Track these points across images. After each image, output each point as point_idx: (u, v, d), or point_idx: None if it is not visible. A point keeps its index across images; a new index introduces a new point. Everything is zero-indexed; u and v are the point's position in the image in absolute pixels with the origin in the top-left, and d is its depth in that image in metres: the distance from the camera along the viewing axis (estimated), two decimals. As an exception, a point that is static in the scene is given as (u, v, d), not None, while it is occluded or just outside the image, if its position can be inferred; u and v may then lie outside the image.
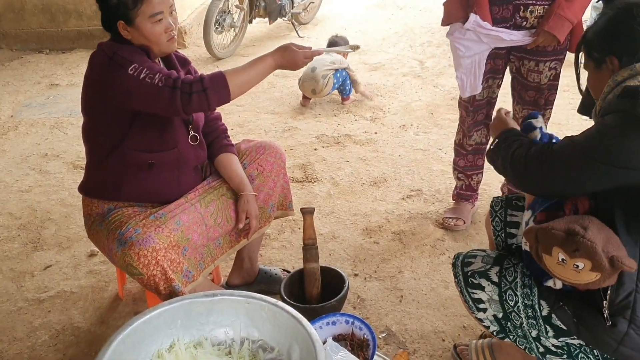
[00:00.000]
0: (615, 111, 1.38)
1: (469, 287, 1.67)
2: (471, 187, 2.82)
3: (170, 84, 1.72)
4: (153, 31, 1.81)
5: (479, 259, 1.69)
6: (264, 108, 4.42)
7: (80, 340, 2.21)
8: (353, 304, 2.33)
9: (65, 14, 5.84)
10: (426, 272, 2.52)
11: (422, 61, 5.21)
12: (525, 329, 1.58)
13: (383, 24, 6.43)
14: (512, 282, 1.59)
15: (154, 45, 1.85)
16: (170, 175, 1.97)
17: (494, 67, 2.49)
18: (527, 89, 2.49)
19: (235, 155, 2.14)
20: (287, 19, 6.10)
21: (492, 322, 1.65)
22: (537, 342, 1.57)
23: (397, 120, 4.07)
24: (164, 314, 1.58)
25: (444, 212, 2.86)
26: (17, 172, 3.54)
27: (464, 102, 2.63)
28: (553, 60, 2.41)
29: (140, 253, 1.75)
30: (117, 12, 1.78)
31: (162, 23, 1.82)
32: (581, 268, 1.34)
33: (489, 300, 1.63)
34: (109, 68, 1.79)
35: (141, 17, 1.78)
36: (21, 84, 5.08)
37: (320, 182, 3.30)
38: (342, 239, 2.78)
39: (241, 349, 1.63)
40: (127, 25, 1.80)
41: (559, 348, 1.54)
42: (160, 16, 1.81)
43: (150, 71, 1.74)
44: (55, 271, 2.61)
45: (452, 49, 2.48)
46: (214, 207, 2.02)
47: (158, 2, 1.79)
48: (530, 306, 1.55)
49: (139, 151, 1.90)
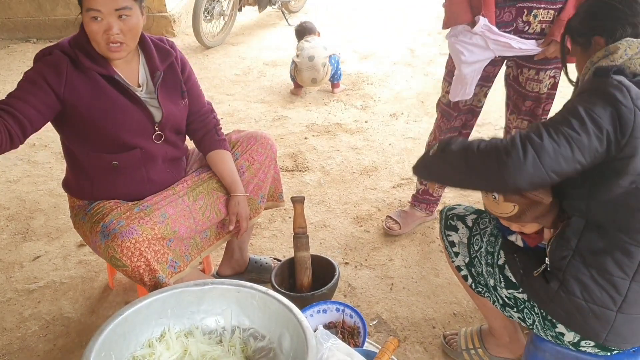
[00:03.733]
0: (587, 89, 1.38)
1: (446, 230, 1.78)
2: (428, 193, 2.70)
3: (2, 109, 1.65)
4: (89, 27, 1.69)
5: (462, 206, 1.82)
6: (254, 97, 4.41)
7: (70, 330, 2.20)
8: (344, 292, 2.34)
9: (52, 3, 5.77)
10: (417, 260, 2.53)
11: (413, 49, 5.20)
12: (485, 277, 1.67)
13: (374, 12, 6.41)
14: (482, 229, 1.71)
15: (94, 43, 1.73)
16: (138, 173, 1.94)
17: (485, 75, 2.33)
18: (524, 99, 2.35)
19: (228, 150, 2.10)
20: (276, 7, 6.06)
21: (465, 269, 1.75)
22: (495, 291, 1.66)
23: (388, 109, 4.07)
24: (154, 303, 1.58)
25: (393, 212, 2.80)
26: (4, 163, 3.50)
27: (444, 105, 2.47)
28: (554, 69, 2.27)
29: (123, 245, 1.74)
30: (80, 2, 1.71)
31: (99, 23, 1.68)
32: (497, 198, 1.49)
33: (459, 244, 1.75)
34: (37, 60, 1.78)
35: (84, 8, 1.69)
36: (8, 73, 5.02)
37: (310, 171, 3.30)
38: (332, 227, 2.78)
39: (232, 338, 1.63)
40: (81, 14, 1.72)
41: (510, 300, 1.62)
42: (95, 14, 1.67)
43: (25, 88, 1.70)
44: (45, 262, 2.60)
45: (453, 52, 2.27)
46: (203, 201, 2.00)
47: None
48: (491, 253, 1.65)
49: (99, 153, 1.87)
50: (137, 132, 1.89)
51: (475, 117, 2.50)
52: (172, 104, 1.96)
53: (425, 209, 2.74)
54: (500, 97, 2.55)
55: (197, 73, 2.13)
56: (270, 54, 5.30)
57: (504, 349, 1.92)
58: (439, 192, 2.72)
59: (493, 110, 3.63)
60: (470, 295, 1.82)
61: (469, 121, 2.49)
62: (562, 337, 1.52)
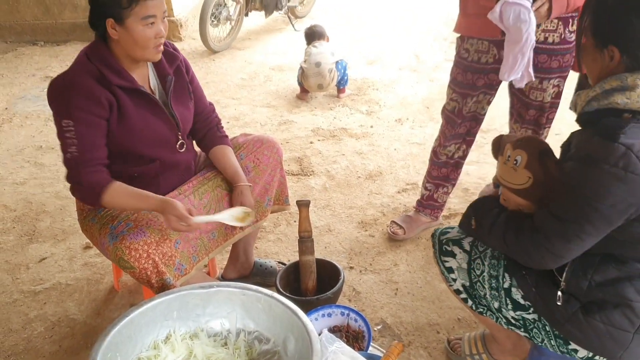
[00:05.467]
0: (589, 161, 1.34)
1: (442, 255, 1.74)
2: (433, 198, 2.71)
3: (71, 165, 1.77)
4: (143, 34, 1.73)
5: (455, 229, 1.76)
6: (260, 101, 4.42)
7: (75, 332, 2.21)
8: (348, 297, 2.34)
9: (60, 6, 5.81)
10: (421, 265, 2.53)
11: (419, 55, 5.21)
12: (489, 300, 1.64)
13: (380, 18, 6.43)
14: (482, 252, 1.66)
15: (139, 50, 1.76)
16: (155, 181, 1.96)
17: (488, 83, 2.32)
18: (528, 108, 2.36)
19: (230, 146, 2.12)
20: (283, 13, 6.08)
21: (465, 293, 1.72)
22: (499, 313, 1.64)
23: (393, 114, 4.07)
24: (160, 305, 1.59)
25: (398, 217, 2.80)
26: (11, 165, 3.53)
27: (448, 112, 2.47)
28: (557, 78, 2.27)
29: (131, 247, 1.75)
30: (108, 9, 1.70)
31: (153, 28, 1.74)
32: (519, 163, 1.51)
33: (458, 269, 1.70)
34: (55, 97, 1.77)
35: (133, 17, 1.70)
36: (16, 76, 5.05)
37: (316, 175, 3.30)
38: (337, 231, 2.79)
39: (237, 340, 1.63)
40: (116, 24, 1.72)
41: (517, 321, 1.61)
42: (153, 20, 1.73)
43: (75, 139, 1.73)
44: (51, 263, 2.61)
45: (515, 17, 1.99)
46: (208, 199, 2.01)
47: (153, 5, 1.72)
48: (495, 277, 1.61)
49: (120, 165, 1.87)
50: (161, 143, 1.91)
51: (478, 125, 2.50)
52: (184, 108, 1.98)
53: (430, 214, 2.74)
54: (504, 103, 2.56)
55: (203, 77, 2.15)
56: (276, 59, 5.31)
57: (508, 354, 1.91)
58: (444, 197, 2.72)
59: (499, 116, 3.63)
60: (472, 314, 1.80)
61: (473, 128, 2.50)
62: (575, 354, 1.51)
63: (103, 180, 1.78)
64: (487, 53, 2.26)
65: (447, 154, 2.57)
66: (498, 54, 2.23)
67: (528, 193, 1.52)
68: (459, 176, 2.69)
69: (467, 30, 2.29)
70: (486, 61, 2.27)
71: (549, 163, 1.50)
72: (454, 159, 2.58)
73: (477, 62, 2.29)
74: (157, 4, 1.73)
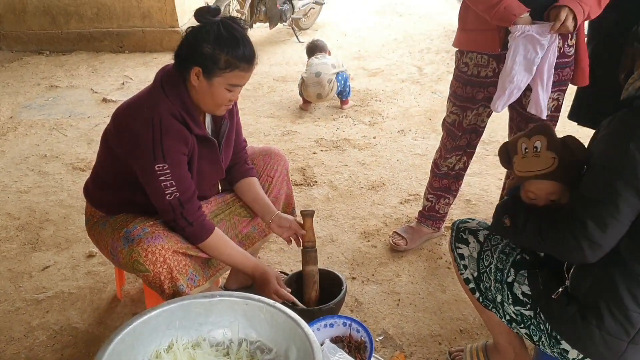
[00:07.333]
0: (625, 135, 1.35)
1: (456, 242, 1.78)
2: (434, 209, 2.71)
3: (176, 204, 1.77)
4: (222, 95, 1.76)
5: (476, 221, 1.81)
6: (263, 112, 4.44)
7: (78, 341, 2.21)
8: (351, 307, 2.34)
9: (66, 16, 5.87)
10: (423, 276, 2.53)
11: (421, 67, 5.24)
12: (493, 293, 1.67)
13: (383, 30, 6.47)
14: (493, 246, 1.70)
15: (211, 105, 1.80)
16: None
17: (487, 96, 2.31)
18: (527, 121, 2.32)
19: (256, 177, 2.15)
20: (287, 24, 6.13)
21: (473, 282, 1.74)
22: (502, 307, 1.66)
23: (396, 125, 4.09)
24: (162, 314, 1.59)
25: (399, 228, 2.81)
26: (16, 173, 3.54)
27: (449, 124, 2.48)
28: (557, 91, 2.26)
29: (148, 249, 1.75)
30: (203, 60, 1.70)
31: (233, 93, 1.78)
32: (540, 148, 1.53)
33: (469, 257, 1.74)
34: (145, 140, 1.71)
35: (222, 79, 1.72)
36: (21, 85, 5.09)
37: (319, 185, 3.31)
38: (340, 242, 2.79)
39: (239, 350, 1.64)
40: (202, 75, 1.72)
41: (517, 316, 1.63)
42: (238, 89, 1.79)
43: (173, 180, 1.74)
44: (54, 272, 2.61)
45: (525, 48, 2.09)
46: (225, 227, 2.05)
47: (244, 76, 1.76)
48: (501, 270, 1.65)
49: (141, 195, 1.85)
50: (203, 184, 1.94)
51: (479, 137, 2.52)
52: (229, 150, 2.03)
53: (432, 226, 2.75)
54: (505, 116, 2.56)
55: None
56: (280, 70, 5.34)
57: None
58: (445, 208, 2.73)
59: (500, 128, 3.65)
60: (477, 308, 1.82)
61: (473, 140, 2.51)
62: (566, 355, 1.52)
63: (211, 225, 1.85)
64: (486, 67, 2.27)
65: (448, 166, 2.58)
66: (497, 68, 2.24)
67: (557, 174, 1.51)
68: (460, 187, 2.70)
69: (467, 45, 2.31)
70: (485, 75, 2.28)
71: (569, 139, 1.52)
72: (455, 170, 2.59)
73: (477, 76, 2.30)
74: (248, 75, 1.78)
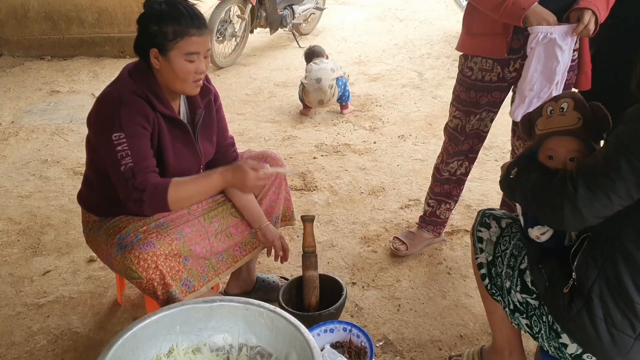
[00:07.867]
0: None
1: (479, 225, 1.81)
2: (435, 215, 2.71)
3: (129, 175, 1.72)
4: (184, 68, 1.76)
5: (503, 212, 1.84)
6: (264, 117, 4.45)
7: (78, 346, 2.21)
8: (351, 313, 2.34)
9: (67, 21, 5.88)
10: (424, 282, 2.53)
11: (421, 72, 5.25)
12: (503, 278, 1.68)
13: (383, 35, 6.48)
14: (513, 233, 1.72)
15: (178, 82, 1.80)
16: None
17: (491, 101, 2.33)
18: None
19: None
20: (287, 30, 6.15)
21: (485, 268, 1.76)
22: (508, 295, 1.67)
23: (396, 130, 4.10)
24: (163, 319, 1.60)
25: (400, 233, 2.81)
26: (17, 178, 3.55)
27: (451, 129, 2.48)
28: None
29: (140, 257, 1.76)
30: (154, 39, 1.73)
31: (194, 64, 1.78)
32: (566, 109, 1.56)
33: (487, 241, 1.76)
34: (104, 112, 1.77)
35: (177, 51, 1.74)
36: (22, 90, 5.10)
37: (319, 190, 3.32)
38: (340, 247, 2.80)
39: (239, 355, 1.64)
40: (159, 55, 1.75)
41: (521, 304, 1.63)
42: (195, 57, 1.77)
43: (129, 150, 1.72)
44: (55, 276, 2.62)
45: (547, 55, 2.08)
46: (218, 224, 2.04)
47: (197, 41, 1.75)
48: (515, 256, 1.66)
49: None
50: (183, 173, 1.90)
51: (481, 142, 2.51)
52: (208, 142, 2.02)
53: (433, 231, 2.75)
54: (507, 120, 2.57)
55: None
56: (280, 75, 5.36)
57: None
58: (446, 214, 2.73)
59: (500, 133, 3.66)
60: (483, 297, 1.82)
61: (475, 145, 2.51)
62: (564, 349, 1.51)
63: (164, 181, 1.77)
64: (491, 71, 2.27)
65: (449, 171, 2.58)
66: (502, 72, 2.25)
67: (581, 132, 1.54)
68: (461, 192, 2.70)
69: (472, 49, 2.31)
70: (490, 79, 2.29)
71: (595, 106, 1.56)
72: (457, 175, 2.59)
73: (481, 80, 2.30)
74: (201, 41, 1.77)
